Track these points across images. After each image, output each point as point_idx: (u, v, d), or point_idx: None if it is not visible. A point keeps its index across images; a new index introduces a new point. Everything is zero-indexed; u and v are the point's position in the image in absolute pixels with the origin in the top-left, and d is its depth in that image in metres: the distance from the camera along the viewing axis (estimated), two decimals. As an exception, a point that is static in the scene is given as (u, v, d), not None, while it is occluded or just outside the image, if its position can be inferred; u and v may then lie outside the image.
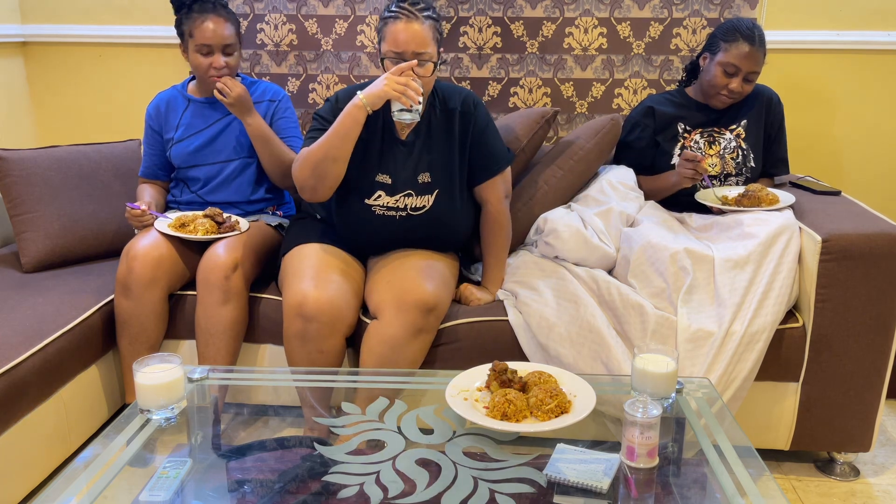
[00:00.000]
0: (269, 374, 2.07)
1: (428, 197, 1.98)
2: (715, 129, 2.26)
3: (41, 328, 1.87)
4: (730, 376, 1.78)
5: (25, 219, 2.26)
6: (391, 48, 1.84)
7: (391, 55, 1.85)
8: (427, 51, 1.84)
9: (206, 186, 2.25)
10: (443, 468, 1.32)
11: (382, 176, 1.97)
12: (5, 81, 2.76)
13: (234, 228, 2.11)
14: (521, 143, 2.23)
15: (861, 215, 1.93)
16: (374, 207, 1.98)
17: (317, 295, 1.82)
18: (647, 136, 2.29)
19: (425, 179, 1.97)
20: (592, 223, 2.07)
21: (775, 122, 2.29)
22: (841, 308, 1.83)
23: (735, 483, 1.27)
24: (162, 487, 1.30)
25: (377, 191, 1.97)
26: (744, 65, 2.13)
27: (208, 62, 2.13)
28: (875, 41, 2.54)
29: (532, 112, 2.27)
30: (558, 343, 1.83)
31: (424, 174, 1.97)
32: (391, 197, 1.97)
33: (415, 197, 1.97)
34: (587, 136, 2.22)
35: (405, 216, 1.99)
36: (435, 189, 1.98)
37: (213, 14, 2.11)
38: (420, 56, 1.83)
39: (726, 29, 2.17)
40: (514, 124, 2.27)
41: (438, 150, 1.98)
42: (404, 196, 1.97)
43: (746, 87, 2.18)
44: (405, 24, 1.82)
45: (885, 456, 2.06)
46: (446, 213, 2.01)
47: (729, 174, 2.24)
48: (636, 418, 1.29)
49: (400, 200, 1.97)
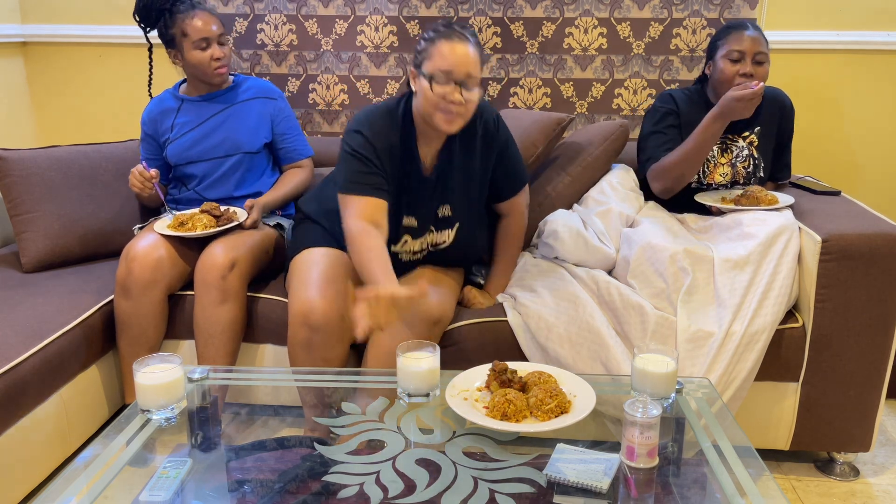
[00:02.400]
0: (269, 374, 2.07)
1: (448, 232, 1.95)
2: (728, 137, 2.21)
3: (41, 328, 1.87)
4: (730, 376, 1.78)
5: (25, 219, 2.26)
6: (440, 66, 1.72)
7: (439, 74, 1.73)
8: (476, 75, 1.75)
9: (203, 183, 2.25)
10: (443, 468, 1.32)
11: (408, 219, 1.90)
12: (5, 81, 2.76)
13: (231, 220, 2.11)
14: (537, 148, 2.21)
15: (861, 215, 1.93)
16: (401, 255, 1.94)
17: (324, 306, 1.78)
18: (675, 122, 2.20)
19: (446, 213, 1.92)
20: (592, 224, 2.07)
21: (787, 128, 2.26)
22: (841, 308, 1.83)
23: (735, 483, 1.27)
24: (162, 487, 1.30)
25: (403, 236, 1.92)
26: (746, 47, 2.08)
27: (209, 55, 2.16)
28: (875, 41, 2.54)
29: (548, 117, 2.24)
30: (557, 343, 1.83)
31: (444, 207, 1.92)
32: (416, 240, 1.93)
33: (435, 233, 1.94)
34: (596, 142, 2.20)
35: (427, 254, 1.98)
36: (455, 223, 1.94)
37: (198, 9, 2.16)
38: (470, 79, 1.74)
39: (718, 31, 2.19)
40: (530, 129, 2.23)
41: (458, 179, 1.91)
42: (427, 234, 1.94)
43: (758, 69, 2.10)
44: (460, 44, 1.73)
45: (885, 456, 2.06)
46: (468, 245, 2.01)
47: (737, 182, 2.22)
48: (636, 418, 1.29)
49: (424, 242, 1.95)
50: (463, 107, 1.75)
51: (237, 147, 2.24)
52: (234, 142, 2.24)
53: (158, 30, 2.20)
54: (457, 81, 1.73)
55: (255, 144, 2.26)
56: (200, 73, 2.20)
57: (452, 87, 1.72)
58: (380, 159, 1.81)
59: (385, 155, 1.82)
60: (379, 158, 1.81)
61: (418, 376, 1.47)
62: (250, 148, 2.25)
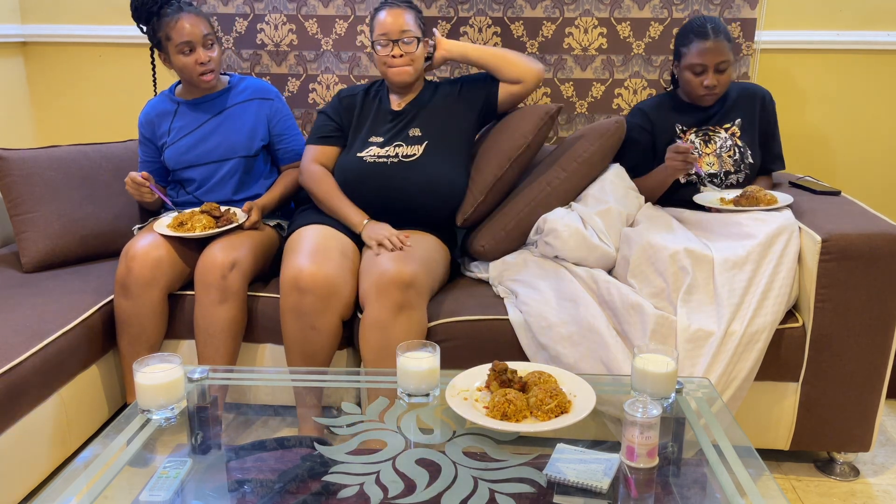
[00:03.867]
0: (268, 374, 2.07)
1: (417, 147, 2.15)
2: (710, 128, 2.26)
3: (41, 328, 1.87)
4: (730, 376, 1.78)
5: (25, 219, 2.26)
6: (379, 32, 2.14)
7: (379, 38, 2.14)
8: (410, 30, 2.13)
9: (202, 188, 2.25)
10: (443, 468, 1.32)
11: (375, 137, 2.19)
12: (5, 81, 2.76)
13: (231, 221, 2.10)
14: (528, 138, 2.20)
15: (861, 215, 1.93)
16: (366, 157, 2.15)
17: (313, 269, 1.89)
18: (644, 138, 2.28)
19: (416, 133, 2.18)
20: (592, 223, 2.07)
21: (770, 119, 2.29)
22: (841, 308, 1.83)
23: (735, 483, 1.27)
24: (162, 487, 1.30)
25: (369, 147, 2.17)
26: (707, 59, 2.13)
27: (193, 59, 2.14)
28: (875, 41, 2.54)
29: (536, 108, 2.26)
30: (558, 343, 1.83)
31: (414, 129, 2.18)
32: (382, 149, 2.16)
33: (405, 147, 2.15)
34: (591, 137, 2.20)
35: (396, 162, 2.13)
36: (425, 141, 2.16)
37: (184, 12, 2.13)
38: (405, 34, 2.12)
39: (680, 34, 2.22)
40: (518, 120, 2.25)
41: (431, 112, 2.21)
42: (394, 146, 2.15)
43: (721, 77, 2.16)
44: (389, 11, 2.14)
45: (885, 456, 2.06)
46: (437, 164, 2.14)
47: (728, 172, 2.24)
48: (636, 418, 1.29)
49: (390, 150, 2.15)
50: (405, 58, 2.14)
51: (234, 151, 2.24)
52: (230, 146, 2.23)
53: (147, 32, 2.19)
54: (394, 41, 2.13)
55: (252, 148, 2.25)
56: (187, 77, 2.19)
57: (391, 46, 2.13)
58: (340, 113, 2.25)
59: (348, 103, 2.26)
60: (339, 112, 2.25)
61: (418, 376, 1.47)
62: (247, 152, 2.24)
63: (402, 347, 1.49)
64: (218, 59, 2.20)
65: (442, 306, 1.98)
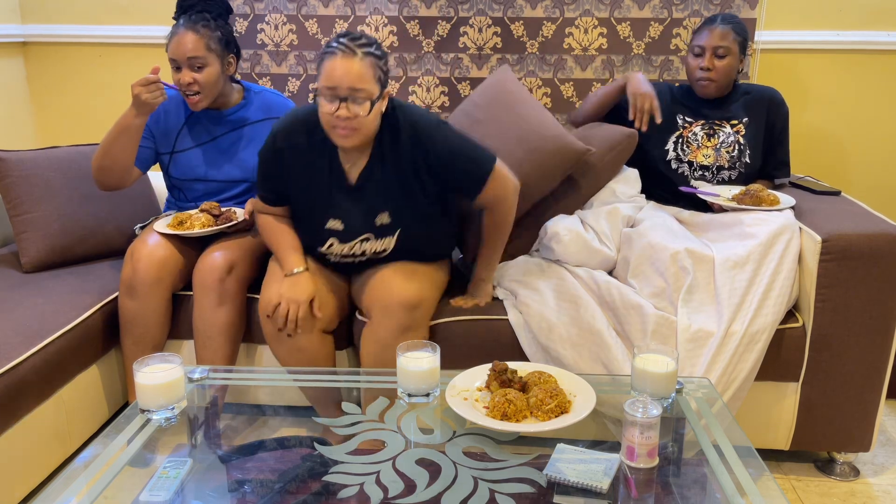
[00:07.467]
0: (268, 374, 2.07)
1: (389, 239, 1.90)
2: (715, 122, 2.26)
3: (41, 328, 1.87)
4: (730, 376, 1.78)
5: (25, 219, 2.26)
6: (324, 83, 1.71)
7: (324, 90, 1.72)
8: (363, 87, 1.71)
9: (205, 200, 2.22)
10: (443, 468, 1.32)
11: (333, 222, 1.89)
12: (5, 81, 2.76)
13: (230, 219, 2.10)
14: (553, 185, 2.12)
15: (861, 215, 1.93)
16: (329, 256, 1.94)
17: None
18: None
19: (384, 221, 1.88)
20: (593, 225, 2.07)
21: (777, 122, 2.29)
22: (841, 308, 1.83)
23: (735, 483, 1.27)
24: (162, 487, 1.30)
25: (329, 238, 1.91)
26: (706, 42, 2.19)
27: (177, 77, 2.05)
28: (875, 41, 2.54)
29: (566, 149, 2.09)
30: (559, 344, 1.83)
31: (382, 215, 1.87)
32: (345, 244, 1.90)
33: (374, 240, 1.90)
34: (602, 150, 2.15)
35: (365, 260, 1.95)
36: (397, 229, 1.89)
37: (184, 27, 2.02)
38: (356, 93, 1.70)
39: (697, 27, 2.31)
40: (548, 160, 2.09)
41: (393, 188, 1.86)
42: (360, 242, 1.90)
43: (718, 63, 2.20)
44: (341, 59, 1.70)
45: (885, 456, 2.06)
46: (417, 245, 1.94)
47: (721, 167, 2.24)
48: (636, 418, 1.29)
49: (356, 247, 1.91)
50: (352, 121, 1.72)
51: (244, 177, 2.20)
52: (242, 170, 2.19)
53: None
54: (341, 98, 1.71)
55: None
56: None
57: (337, 105, 1.71)
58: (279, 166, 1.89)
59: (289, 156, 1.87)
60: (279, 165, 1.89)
61: (418, 376, 1.47)
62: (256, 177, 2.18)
63: (402, 348, 1.49)
64: (208, 83, 2.05)
65: (442, 306, 1.98)
